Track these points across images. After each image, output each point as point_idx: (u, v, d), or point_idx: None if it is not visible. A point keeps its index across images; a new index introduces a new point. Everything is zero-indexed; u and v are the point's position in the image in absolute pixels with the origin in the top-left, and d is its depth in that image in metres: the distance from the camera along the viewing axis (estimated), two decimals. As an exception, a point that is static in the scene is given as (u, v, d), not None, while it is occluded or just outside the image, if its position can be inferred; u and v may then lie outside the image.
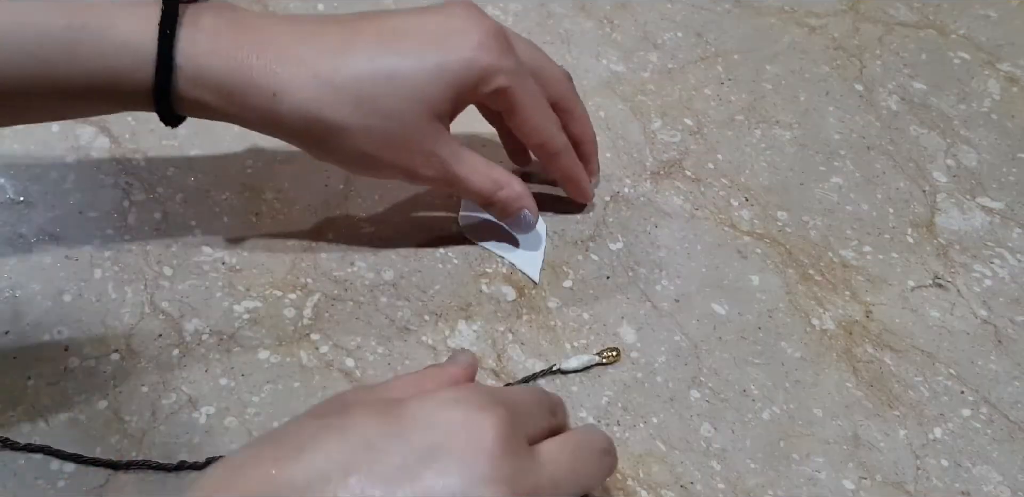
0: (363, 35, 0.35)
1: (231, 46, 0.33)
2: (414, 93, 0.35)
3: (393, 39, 0.35)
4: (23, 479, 0.35)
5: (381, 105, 0.34)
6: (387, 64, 0.34)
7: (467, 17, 0.36)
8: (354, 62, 0.34)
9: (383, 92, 0.34)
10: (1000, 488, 0.40)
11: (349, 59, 0.34)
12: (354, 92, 0.34)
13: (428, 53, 0.35)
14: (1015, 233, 0.51)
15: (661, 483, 0.38)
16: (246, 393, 0.39)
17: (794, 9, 0.62)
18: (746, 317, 0.45)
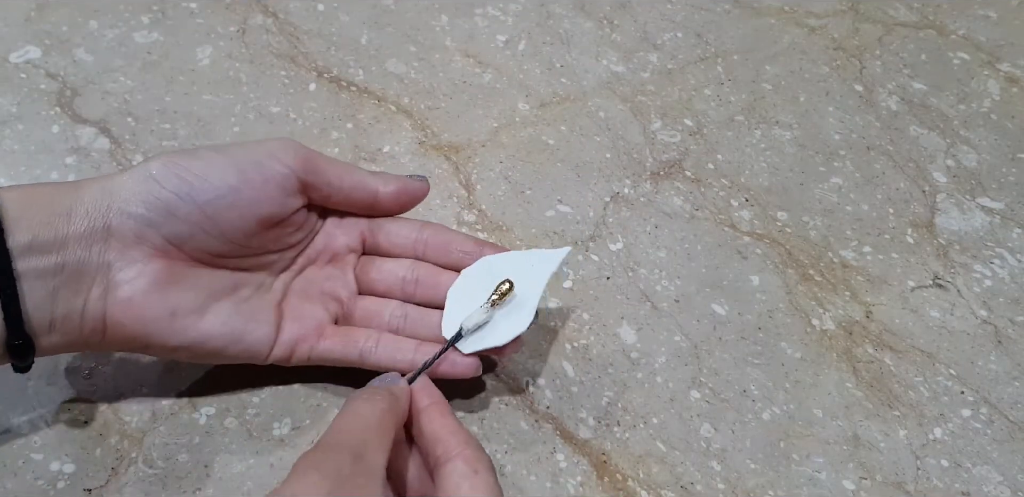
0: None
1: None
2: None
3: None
4: (23, 479, 0.35)
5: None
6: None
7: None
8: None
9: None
10: (1000, 488, 0.40)
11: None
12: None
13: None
14: (1015, 233, 0.51)
15: (661, 483, 0.38)
16: (246, 393, 0.39)
17: (794, 9, 0.62)
18: (746, 317, 0.45)
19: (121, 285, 0.32)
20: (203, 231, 0.33)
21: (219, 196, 0.32)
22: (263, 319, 0.35)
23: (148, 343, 0.33)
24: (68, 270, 0.31)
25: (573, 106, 0.53)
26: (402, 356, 0.36)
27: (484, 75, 0.54)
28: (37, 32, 0.51)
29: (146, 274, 0.32)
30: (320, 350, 0.36)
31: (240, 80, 0.51)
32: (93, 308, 0.31)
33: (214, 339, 0.34)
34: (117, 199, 0.31)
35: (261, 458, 0.37)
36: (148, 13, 0.54)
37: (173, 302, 0.33)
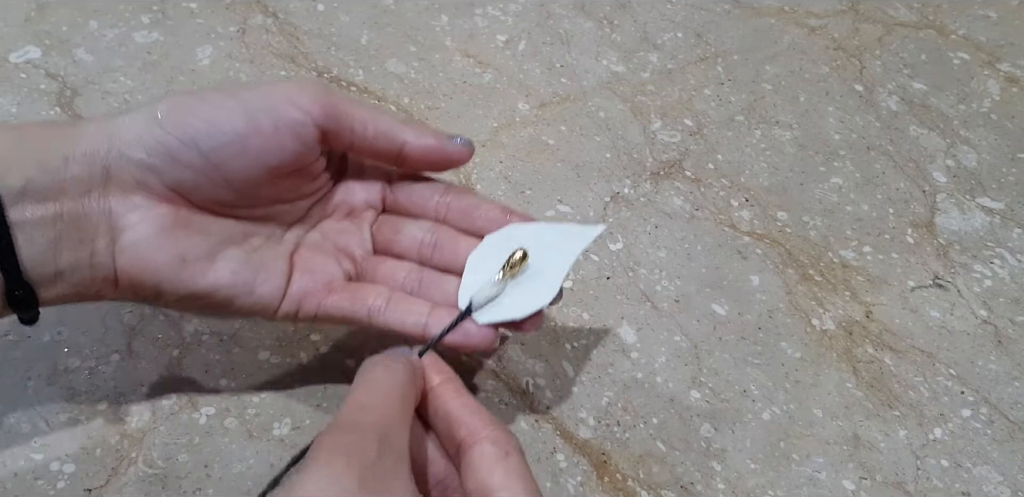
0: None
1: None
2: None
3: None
4: (23, 479, 0.35)
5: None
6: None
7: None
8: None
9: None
10: (1000, 488, 0.40)
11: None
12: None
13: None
14: (1015, 233, 0.51)
15: (661, 483, 0.38)
16: (246, 393, 0.39)
17: (794, 9, 0.62)
18: (746, 317, 0.45)
19: (126, 231, 0.30)
20: (208, 179, 0.31)
21: (225, 143, 0.30)
22: (274, 269, 0.33)
23: (159, 291, 0.31)
24: (67, 218, 0.29)
25: (573, 106, 0.53)
26: (413, 320, 0.33)
27: (484, 75, 0.54)
28: (37, 32, 0.51)
29: (151, 219, 0.30)
30: (327, 306, 0.34)
31: (240, 80, 0.51)
32: (101, 258, 0.30)
33: (225, 289, 0.32)
34: (117, 142, 0.29)
35: (261, 458, 0.37)
36: (148, 13, 0.54)
37: (182, 247, 0.31)
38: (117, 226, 0.30)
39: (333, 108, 0.31)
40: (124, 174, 0.30)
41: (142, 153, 0.29)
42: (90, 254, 0.30)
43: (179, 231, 0.31)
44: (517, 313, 0.33)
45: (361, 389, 0.28)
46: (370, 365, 0.29)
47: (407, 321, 0.33)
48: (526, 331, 0.34)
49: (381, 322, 0.33)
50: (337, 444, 0.25)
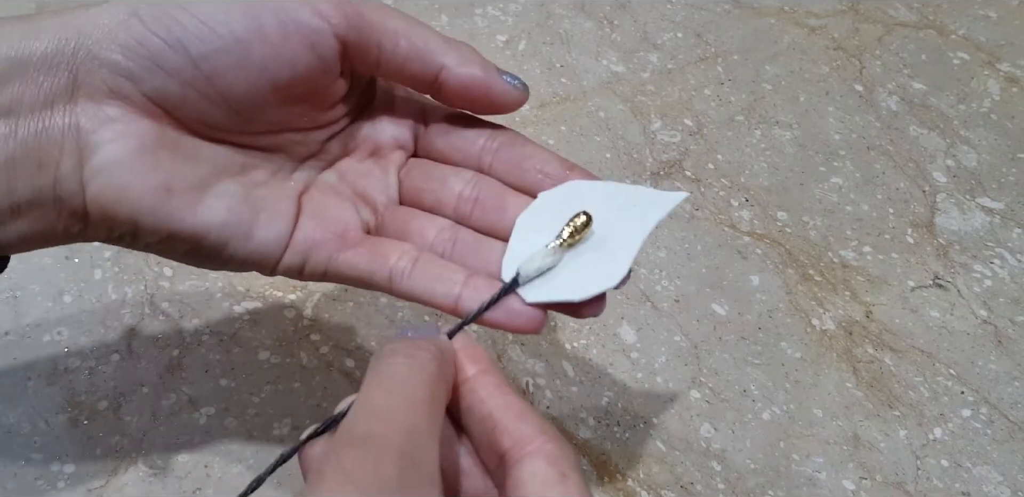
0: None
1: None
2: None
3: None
4: (23, 479, 0.35)
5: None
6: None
7: None
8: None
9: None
10: (1000, 488, 0.40)
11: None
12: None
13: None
14: (1015, 233, 0.51)
15: (661, 483, 0.38)
16: (246, 393, 0.39)
17: (794, 9, 0.62)
18: (746, 317, 0.45)
19: (97, 150, 0.24)
20: (198, 93, 0.25)
21: (220, 49, 0.24)
22: (278, 211, 0.27)
23: (137, 227, 0.25)
24: (22, 137, 0.24)
25: (573, 106, 0.53)
26: (444, 289, 0.26)
27: (484, 75, 0.54)
28: (37, 32, 0.51)
29: (128, 136, 0.25)
30: (340, 262, 0.28)
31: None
32: (67, 185, 0.24)
33: (217, 229, 0.26)
34: (86, 40, 0.24)
35: (261, 458, 0.37)
36: (148, 13, 0.54)
37: (166, 173, 0.25)
38: (87, 145, 0.24)
39: (359, 16, 0.25)
40: (94, 80, 0.24)
41: (117, 54, 0.24)
42: (53, 181, 0.24)
43: (162, 153, 0.25)
44: (575, 294, 0.26)
45: (377, 387, 0.21)
46: (389, 353, 0.22)
47: (437, 290, 0.27)
48: (584, 317, 0.27)
49: (405, 288, 0.27)
50: (346, 466, 0.19)
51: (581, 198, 0.27)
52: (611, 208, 0.27)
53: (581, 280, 0.26)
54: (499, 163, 0.29)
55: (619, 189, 0.28)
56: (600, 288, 0.26)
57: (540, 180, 0.28)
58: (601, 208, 0.27)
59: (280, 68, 0.25)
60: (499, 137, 0.29)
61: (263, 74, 0.25)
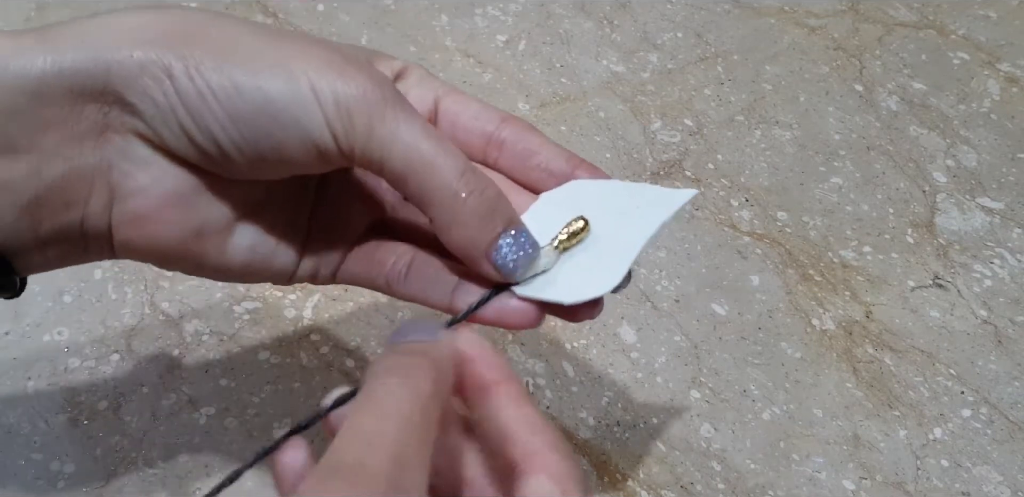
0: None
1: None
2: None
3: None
4: (23, 479, 0.35)
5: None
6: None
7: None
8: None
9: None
10: (1000, 488, 0.40)
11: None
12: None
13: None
14: (1015, 233, 0.51)
15: (661, 483, 0.38)
16: (246, 393, 0.39)
17: (794, 9, 0.62)
18: (746, 317, 0.45)
19: (132, 196, 0.24)
20: (219, 164, 0.24)
21: (237, 144, 0.23)
22: (294, 234, 0.27)
23: (164, 263, 0.26)
24: (48, 175, 0.22)
25: (573, 106, 0.53)
26: (437, 293, 0.26)
27: (484, 75, 0.54)
28: (37, 32, 0.51)
29: (163, 181, 0.24)
30: (343, 271, 0.28)
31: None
32: (95, 222, 0.24)
33: (242, 265, 0.26)
34: (117, 82, 0.22)
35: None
36: (148, 13, 0.54)
37: (198, 218, 0.25)
38: (119, 187, 0.24)
39: (369, 147, 0.23)
40: (125, 120, 0.23)
41: (148, 110, 0.23)
42: (80, 218, 0.24)
43: (194, 198, 0.24)
44: (568, 296, 0.25)
45: (369, 412, 0.20)
46: (383, 372, 0.21)
47: (430, 294, 0.27)
48: (578, 320, 0.26)
49: (402, 292, 0.27)
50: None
51: (582, 199, 0.27)
52: (614, 209, 0.26)
53: (577, 283, 0.25)
54: (505, 157, 0.28)
55: (624, 188, 0.27)
56: (594, 293, 0.25)
57: (544, 179, 0.27)
58: (603, 209, 0.26)
59: (294, 169, 0.24)
60: (508, 126, 0.28)
61: (282, 170, 0.24)
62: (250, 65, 0.22)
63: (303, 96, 0.22)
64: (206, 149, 0.23)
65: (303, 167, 0.24)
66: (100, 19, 0.23)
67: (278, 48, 0.23)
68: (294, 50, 0.23)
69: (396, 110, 0.23)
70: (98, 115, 0.23)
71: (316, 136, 0.23)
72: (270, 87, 0.22)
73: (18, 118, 0.22)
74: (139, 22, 0.23)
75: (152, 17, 0.23)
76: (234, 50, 0.22)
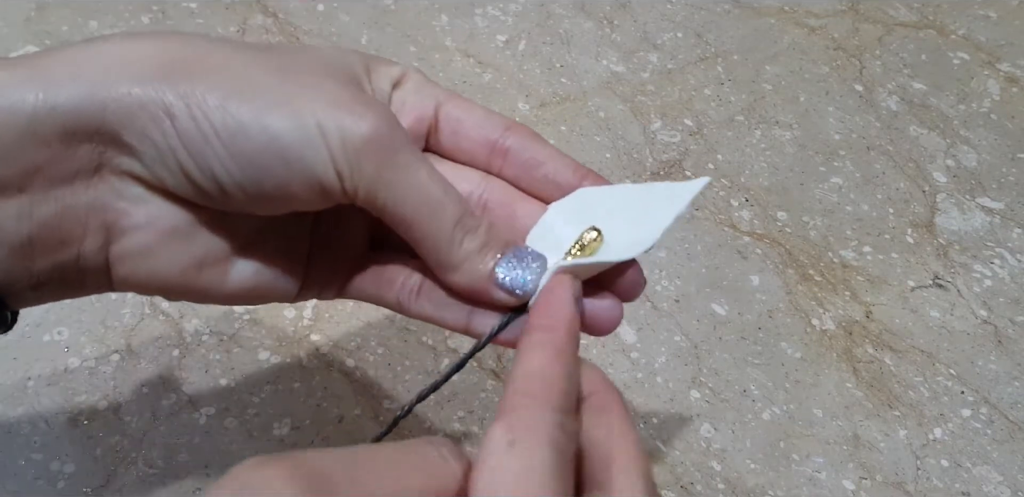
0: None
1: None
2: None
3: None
4: (23, 479, 0.35)
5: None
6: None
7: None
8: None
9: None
10: (1000, 488, 0.40)
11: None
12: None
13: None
14: (1015, 233, 0.51)
15: (661, 483, 0.38)
16: (246, 393, 0.39)
17: (794, 9, 0.62)
18: (746, 317, 0.45)
19: (129, 234, 0.23)
20: (217, 202, 0.24)
21: (240, 185, 0.23)
22: (297, 258, 0.26)
23: (167, 296, 0.25)
24: (40, 215, 0.22)
25: (573, 106, 0.53)
26: (453, 314, 0.26)
27: (484, 75, 0.54)
28: (37, 32, 0.51)
29: (160, 218, 0.23)
30: (350, 288, 0.27)
31: (240, 80, 0.51)
32: (91, 261, 0.23)
33: (245, 293, 0.25)
34: (113, 121, 0.21)
35: (261, 458, 0.37)
36: (148, 13, 0.54)
37: (198, 251, 0.24)
38: (115, 226, 0.23)
39: (372, 192, 0.23)
40: (121, 161, 0.22)
41: (146, 151, 0.22)
42: (76, 257, 0.23)
43: (193, 231, 0.24)
44: (605, 256, 0.25)
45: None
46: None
47: (446, 316, 0.26)
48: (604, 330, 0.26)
49: (414, 313, 0.26)
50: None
51: (592, 207, 0.26)
52: (625, 213, 0.26)
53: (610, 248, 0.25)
54: (510, 166, 0.27)
55: (631, 190, 0.26)
56: (629, 255, 0.25)
57: (551, 190, 0.27)
58: (614, 215, 0.26)
59: (294, 206, 0.24)
60: (512, 135, 0.27)
61: (282, 207, 0.24)
62: (256, 102, 0.21)
63: (310, 135, 0.21)
64: (206, 188, 0.22)
65: (303, 204, 0.23)
66: (96, 47, 0.21)
67: (284, 82, 0.22)
68: (301, 85, 0.22)
69: (404, 154, 0.23)
70: (92, 155, 0.22)
71: (321, 176, 0.22)
72: (277, 126, 0.21)
73: (9, 157, 0.21)
74: (137, 53, 0.21)
75: (151, 46, 0.22)
76: (238, 85, 0.22)
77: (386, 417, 0.39)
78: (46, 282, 0.23)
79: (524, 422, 0.19)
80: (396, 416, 0.26)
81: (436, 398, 0.40)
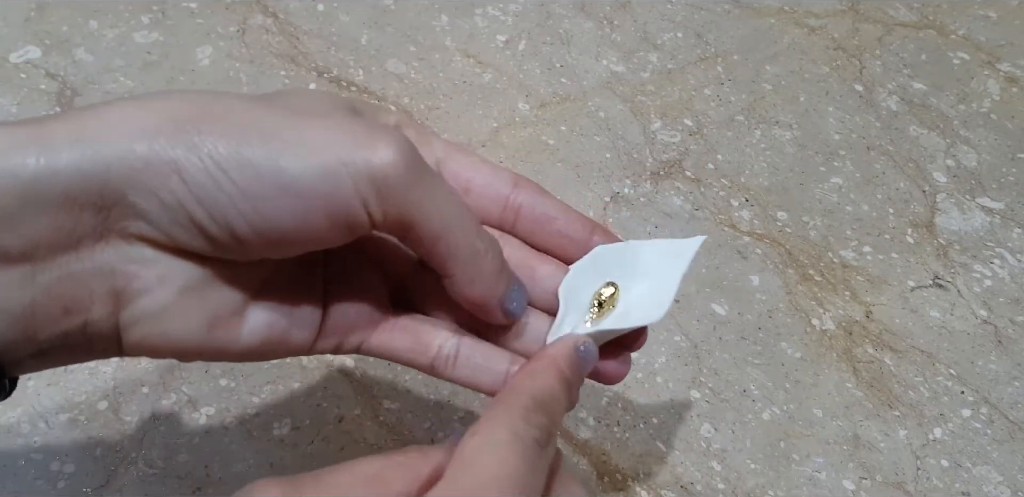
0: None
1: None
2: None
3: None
4: (23, 479, 0.35)
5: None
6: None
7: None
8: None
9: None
10: (1000, 488, 0.40)
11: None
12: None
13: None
14: (1015, 233, 0.51)
15: (661, 483, 0.38)
16: (246, 393, 0.39)
17: (794, 9, 0.62)
18: (746, 317, 0.45)
19: (138, 298, 0.22)
20: (231, 253, 0.23)
21: (261, 232, 0.22)
22: (310, 309, 0.26)
23: (180, 357, 0.25)
24: (43, 282, 0.21)
25: (573, 106, 0.53)
26: (488, 380, 0.26)
27: (484, 75, 0.54)
28: (37, 32, 0.51)
29: (171, 278, 0.23)
30: (375, 343, 0.27)
31: (240, 80, 0.51)
32: (100, 328, 0.23)
33: (259, 347, 0.25)
34: (118, 182, 0.21)
35: (261, 458, 0.37)
36: (148, 13, 0.54)
37: (211, 308, 0.24)
38: (125, 290, 0.22)
39: (401, 216, 0.23)
40: (127, 224, 0.22)
41: (155, 211, 0.21)
42: (83, 325, 0.22)
43: (205, 288, 0.23)
44: (624, 323, 0.27)
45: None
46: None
47: (481, 378, 0.26)
48: (611, 381, 0.28)
49: (448, 376, 0.27)
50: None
51: (608, 266, 0.28)
52: (636, 270, 0.28)
53: (629, 316, 0.27)
54: (522, 222, 0.28)
55: (642, 247, 0.28)
56: (645, 321, 0.27)
57: (564, 244, 0.28)
58: (627, 275, 0.28)
59: (314, 245, 0.24)
60: (522, 192, 0.28)
61: (300, 248, 0.24)
62: (270, 145, 0.21)
63: (335, 173, 0.21)
64: (219, 238, 0.22)
65: (323, 242, 0.23)
66: (97, 111, 0.21)
67: (294, 121, 0.22)
68: (311, 122, 0.22)
69: (428, 174, 0.23)
70: (96, 220, 0.21)
71: (346, 209, 0.22)
72: (295, 166, 0.21)
73: (11, 224, 0.20)
74: (140, 114, 0.21)
75: (155, 105, 0.21)
76: (248, 131, 0.21)
77: (386, 417, 0.39)
78: (49, 350, 0.22)
79: (487, 418, 0.21)
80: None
81: (436, 398, 0.40)
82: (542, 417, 0.22)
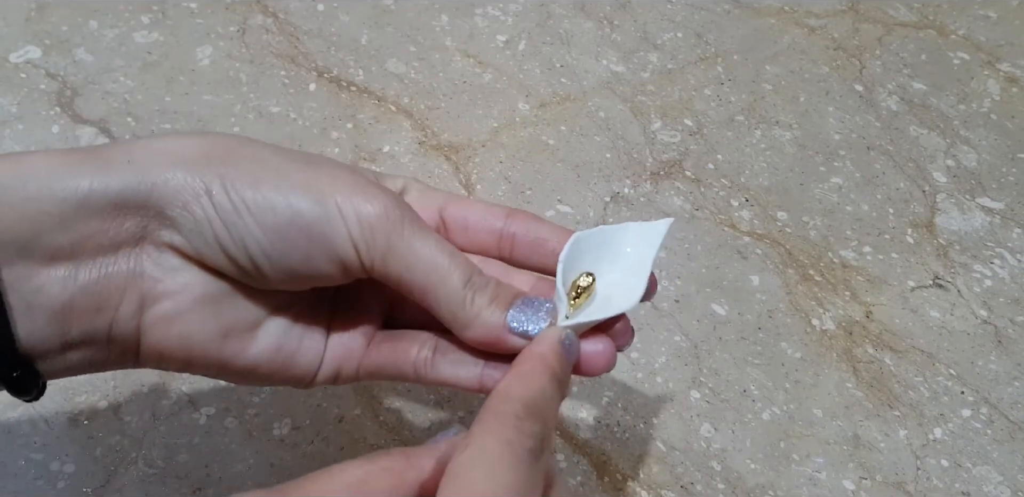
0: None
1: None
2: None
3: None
4: (23, 479, 0.35)
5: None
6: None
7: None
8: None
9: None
10: (1000, 488, 0.40)
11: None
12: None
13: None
14: (1015, 233, 0.51)
15: (661, 483, 0.38)
16: (246, 393, 0.39)
17: (794, 9, 0.62)
18: (746, 317, 0.45)
19: (161, 300, 0.25)
20: (249, 275, 0.26)
21: (271, 258, 0.25)
22: (316, 336, 0.28)
23: (189, 366, 0.27)
24: (83, 280, 0.24)
25: (573, 106, 0.53)
26: (466, 376, 0.27)
27: (484, 75, 0.54)
28: (37, 32, 0.51)
29: (194, 286, 0.25)
30: (366, 365, 0.29)
31: (240, 80, 0.51)
32: (123, 327, 0.25)
33: (266, 363, 0.27)
34: (159, 198, 0.24)
35: (261, 458, 0.37)
36: (148, 13, 0.54)
37: (227, 319, 0.26)
38: (151, 293, 0.25)
39: (387, 262, 0.25)
40: (162, 233, 0.25)
41: (186, 224, 0.24)
42: (109, 323, 0.25)
43: (223, 300, 0.26)
44: (602, 313, 0.27)
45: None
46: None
47: (461, 377, 0.27)
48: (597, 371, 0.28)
49: (431, 378, 0.28)
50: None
51: (583, 255, 0.29)
52: (609, 255, 0.29)
53: (605, 306, 0.27)
54: (519, 250, 0.29)
55: (612, 231, 0.29)
56: (625, 307, 0.27)
57: (554, 263, 0.28)
58: (601, 262, 0.29)
59: (318, 280, 0.26)
60: (516, 222, 0.29)
61: (306, 282, 0.26)
62: (281, 183, 0.24)
63: (330, 213, 0.24)
64: (238, 260, 0.25)
65: (327, 279, 0.26)
66: (146, 142, 0.25)
67: (305, 169, 0.25)
68: (319, 172, 0.25)
69: (410, 227, 0.25)
70: (137, 227, 0.24)
71: (341, 251, 0.25)
72: (300, 205, 0.24)
73: (64, 226, 0.23)
74: (181, 145, 0.25)
75: (193, 141, 0.25)
76: (267, 171, 0.25)
77: (386, 417, 0.39)
78: (75, 348, 0.25)
79: (478, 430, 0.21)
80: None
81: (436, 398, 0.40)
82: (535, 424, 0.22)
